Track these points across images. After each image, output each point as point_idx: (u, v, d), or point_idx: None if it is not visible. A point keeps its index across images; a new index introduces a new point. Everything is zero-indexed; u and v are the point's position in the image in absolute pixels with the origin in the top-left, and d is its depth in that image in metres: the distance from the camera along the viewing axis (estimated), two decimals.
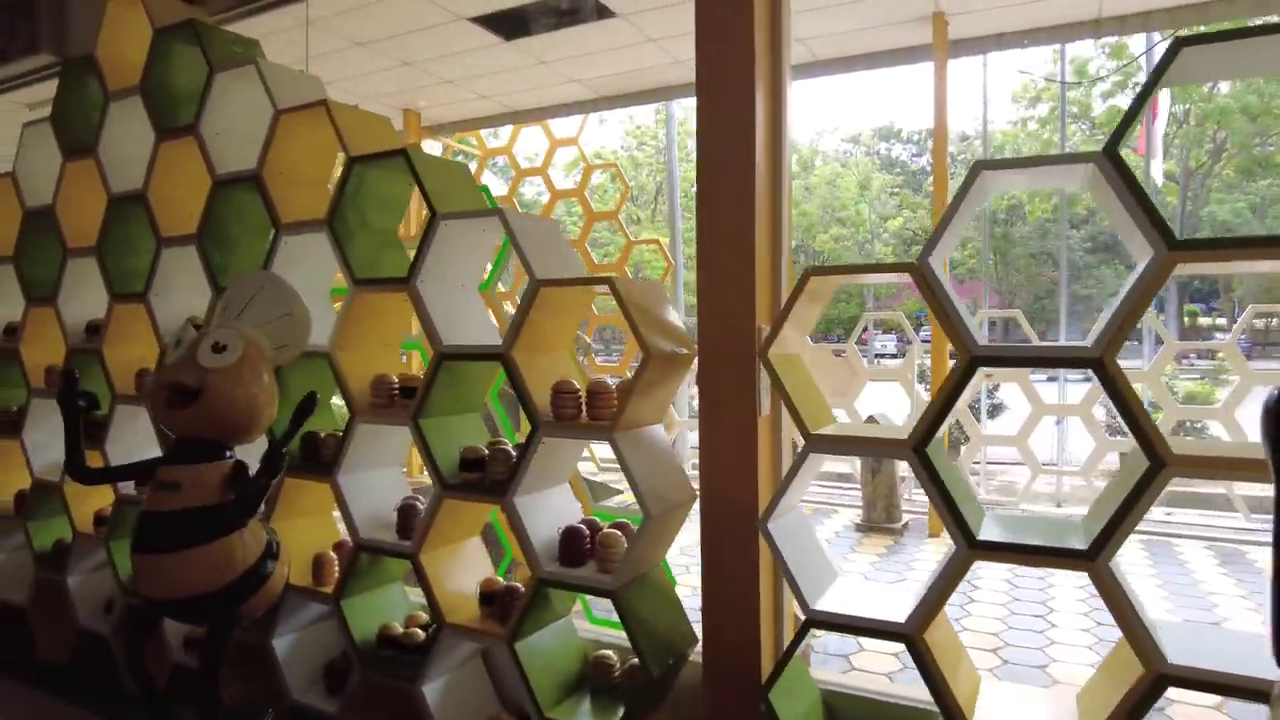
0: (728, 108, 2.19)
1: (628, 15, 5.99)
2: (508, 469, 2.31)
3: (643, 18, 6.05)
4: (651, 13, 5.96)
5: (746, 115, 2.16)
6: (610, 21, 6.07)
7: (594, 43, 6.44)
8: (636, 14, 5.98)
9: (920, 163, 32.33)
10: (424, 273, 2.39)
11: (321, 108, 2.59)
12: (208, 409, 2.07)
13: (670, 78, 7.26)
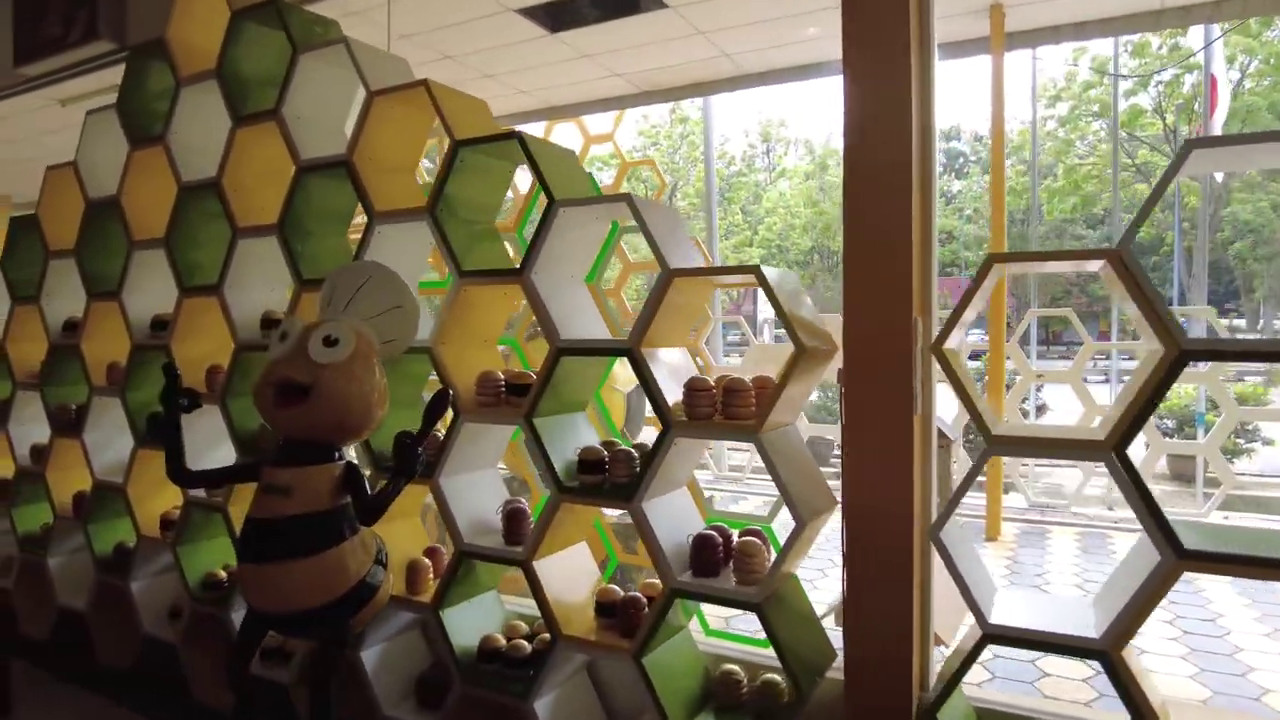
0: (879, 86, 2.05)
1: (679, 7, 5.86)
2: (631, 471, 2.17)
3: (694, 9, 5.91)
4: (703, 4, 5.82)
5: (901, 93, 2.01)
6: (661, 13, 5.93)
7: (642, 35, 6.30)
8: (688, 5, 5.84)
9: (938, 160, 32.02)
10: (538, 264, 2.25)
11: (419, 89, 2.45)
12: (320, 407, 1.93)
13: (715, 71, 7.12)
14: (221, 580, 3.11)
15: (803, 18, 5.90)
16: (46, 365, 3.62)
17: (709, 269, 2.02)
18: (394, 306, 2.14)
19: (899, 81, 2.02)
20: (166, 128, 3.11)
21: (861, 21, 2.08)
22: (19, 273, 3.79)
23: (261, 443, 2.88)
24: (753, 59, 6.90)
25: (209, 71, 3.01)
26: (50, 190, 3.63)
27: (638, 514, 2.09)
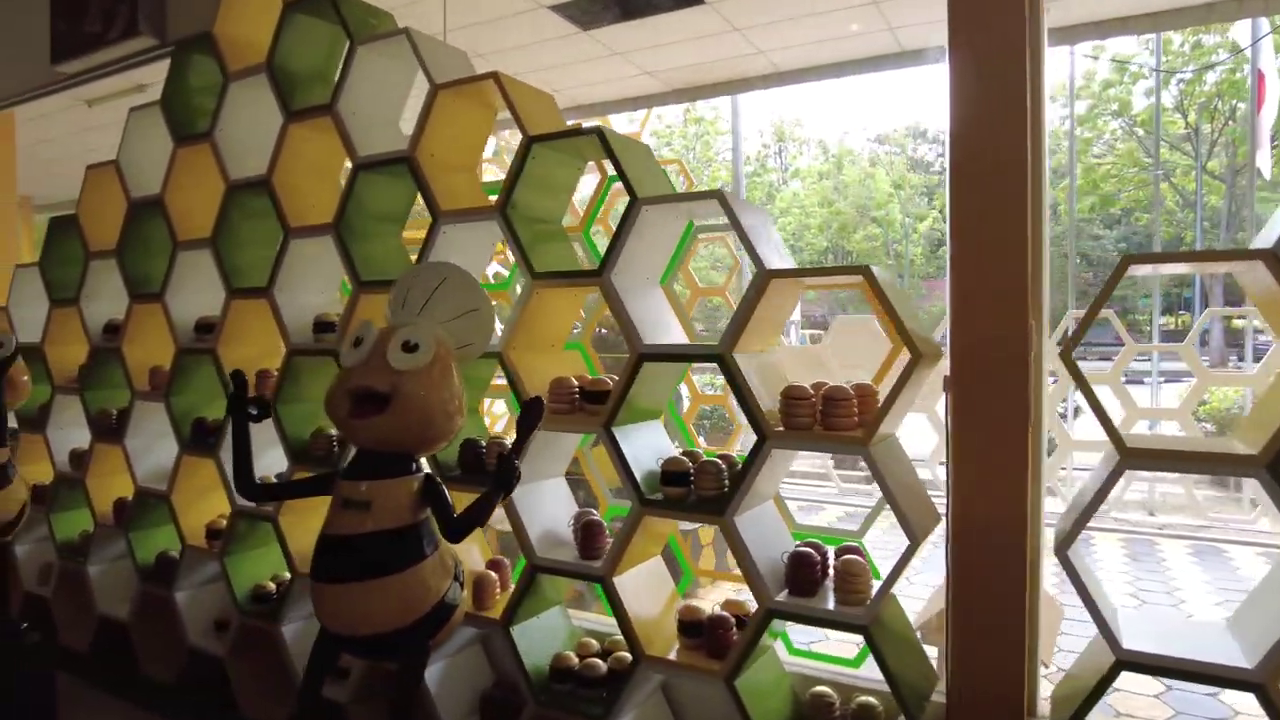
0: (991, 76, 1.94)
1: (715, 3, 5.74)
2: (720, 484, 2.06)
3: (730, 5, 5.79)
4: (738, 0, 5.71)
5: (1015, 83, 1.90)
6: (698, 9, 5.82)
7: (676, 31, 6.18)
8: (724, 1, 5.73)
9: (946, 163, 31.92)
10: (618, 265, 2.14)
11: (486, 82, 2.34)
12: (400, 416, 1.82)
13: (746, 69, 7.00)
14: (270, 593, 3.01)
15: (846, 13, 5.78)
16: (86, 368, 3.53)
17: (810, 270, 1.91)
18: (470, 310, 2.02)
19: (1013, 70, 1.90)
20: (214, 124, 3.01)
21: (971, 6, 1.96)
22: (58, 274, 3.71)
23: (315, 450, 2.78)
24: (787, 56, 6.77)
25: (258, 66, 2.91)
26: (90, 190, 3.54)
27: (730, 529, 1.98)
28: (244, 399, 1.97)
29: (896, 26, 6.21)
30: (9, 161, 4.74)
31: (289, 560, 2.83)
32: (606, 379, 2.24)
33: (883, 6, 5.79)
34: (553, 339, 2.49)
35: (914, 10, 5.86)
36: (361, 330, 1.92)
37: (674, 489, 2.09)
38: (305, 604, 2.93)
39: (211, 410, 3.25)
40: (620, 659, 2.35)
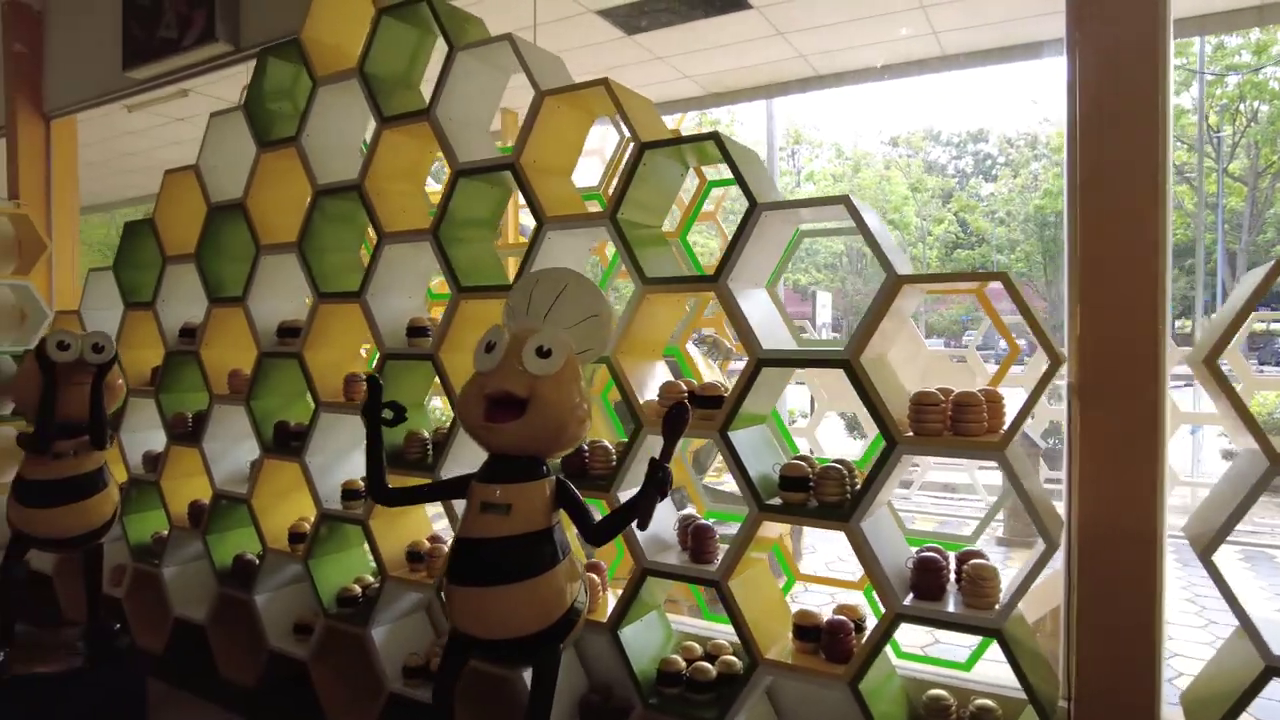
0: (1119, 70, 1.93)
1: (762, 7, 5.76)
2: (842, 490, 2.06)
3: (775, 9, 5.81)
4: (785, 4, 5.73)
5: (1147, 75, 1.90)
6: (744, 14, 5.83)
7: (720, 36, 6.20)
8: (770, 6, 5.75)
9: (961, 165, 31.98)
10: (735, 270, 2.15)
11: (595, 89, 2.35)
12: (536, 420, 1.83)
13: (786, 73, 7.02)
14: (356, 596, 3.02)
15: (892, 17, 5.79)
16: (162, 372, 3.55)
17: (944, 275, 1.91)
18: (591, 315, 2.03)
19: (1142, 62, 1.90)
20: (301, 129, 3.03)
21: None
22: (131, 277, 3.73)
23: (409, 453, 2.79)
24: (829, 60, 6.78)
25: (348, 71, 2.93)
26: (168, 193, 3.57)
27: (857, 535, 1.98)
28: (379, 404, 1.98)
29: (940, 30, 6.22)
30: (71, 166, 4.77)
31: (379, 563, 2.85)
32: (719, 383, 2.24)
33: (929, 11, 5.80)
34: (656, 344, 2.49)
35: (959, 14, 5.88)
36: (493, 335, 1.93)
37: (794, 494, 2.10)
38: (394, 607, 2.94)
39: (293, 413, 3.27)
40: (728, 663, 2.35)
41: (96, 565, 2.95)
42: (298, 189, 3.34)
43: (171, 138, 9.08)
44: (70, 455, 2.74)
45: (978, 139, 33.80)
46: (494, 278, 2.76)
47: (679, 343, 3.31)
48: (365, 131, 3.23)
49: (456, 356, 2.72)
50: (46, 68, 4.65)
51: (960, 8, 5.64)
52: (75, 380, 2.72)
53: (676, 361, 3.02)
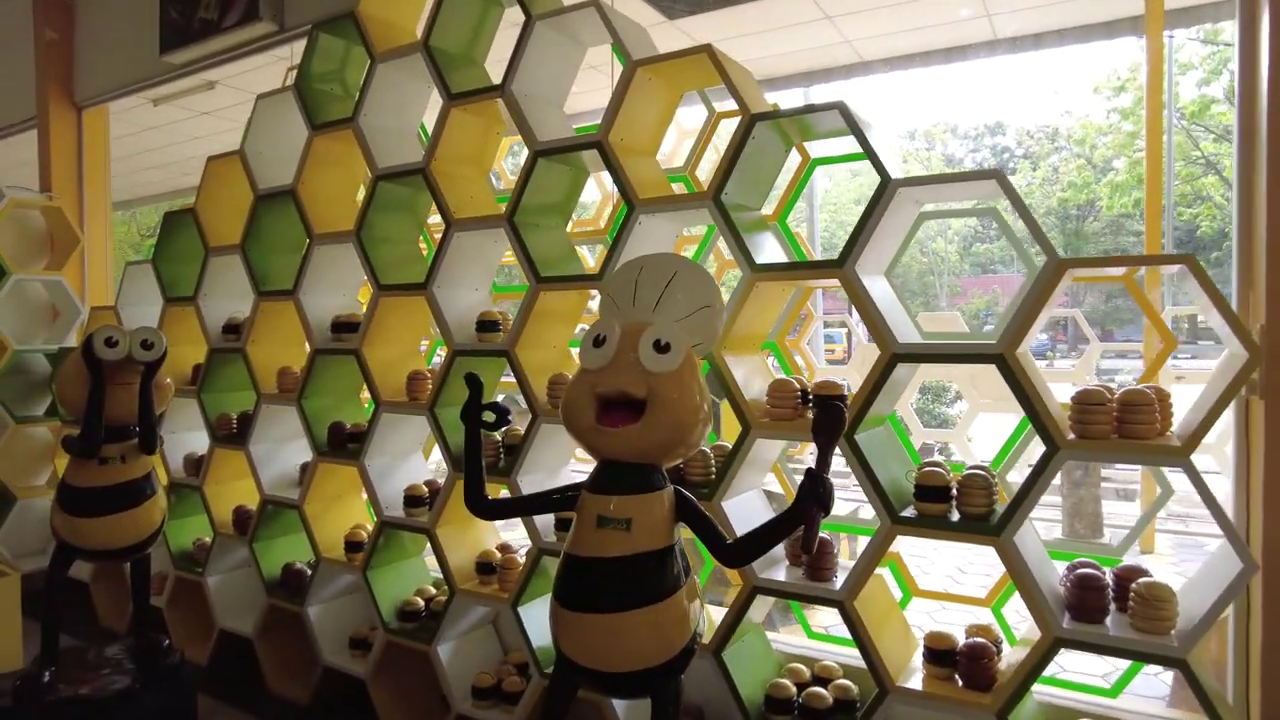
0: None
1: None
2: (988, 500, 1.84)
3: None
4: None
5: None
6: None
7: (765, 19, 5.97)
8: None
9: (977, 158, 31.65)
10: (863, 255, 1.93)
11: (700, 57, 2.14)
12: (657, 424, 1.62)
13: (830, 59, 6.78)
14: (419, 609, 2.82)
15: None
16: (204, 370, 3.36)
17: (1117, 259, 1.69)
18: (704, 306, 1.81)
19: None
20: (358, 109, 2.83)
21: None
22: (172, 270, 3.54)
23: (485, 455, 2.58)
24: (873, 45, 6.55)
25: (408, 47, 2.72)
26: (209, 182, 3.37)
27: (1009, 551, 1.77)
28: (479, 405, 1.77)
29: (994, 13, 5.99)
30: (103, 158, 4.59)
31: (447, 576, 2.65)
32: (837, 381, 2.03)
33: None
34: (758, 336, 2.28)
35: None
36: (602, 329, 1.72)
37: (932, 505, 1.88)
38: (462, 622, 2.75)
39: (346, 413, 3.07)
40: (844, 688, 2.15)
41: (144, 576, 2.76)
42: (350, 175, 3.16)
43: (193, 132, 8.91)
44: (117, 460, 2.54)
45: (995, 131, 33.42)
46: (571, 267, 2.56)
47: (777, 337, 3.09)
48: (425, 112, 3.04)
49: (533, 353, 2.52)
50: (77, 56, 4.47)
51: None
52: (122, 380, 2.53)
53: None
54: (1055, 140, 26.75)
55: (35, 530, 4.27)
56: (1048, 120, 28.78)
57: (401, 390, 2.80)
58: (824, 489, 1.48)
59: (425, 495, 2.77)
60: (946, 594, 2.42)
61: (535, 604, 2.54)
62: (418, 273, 2.90)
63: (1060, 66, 39.07)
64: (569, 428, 1.72)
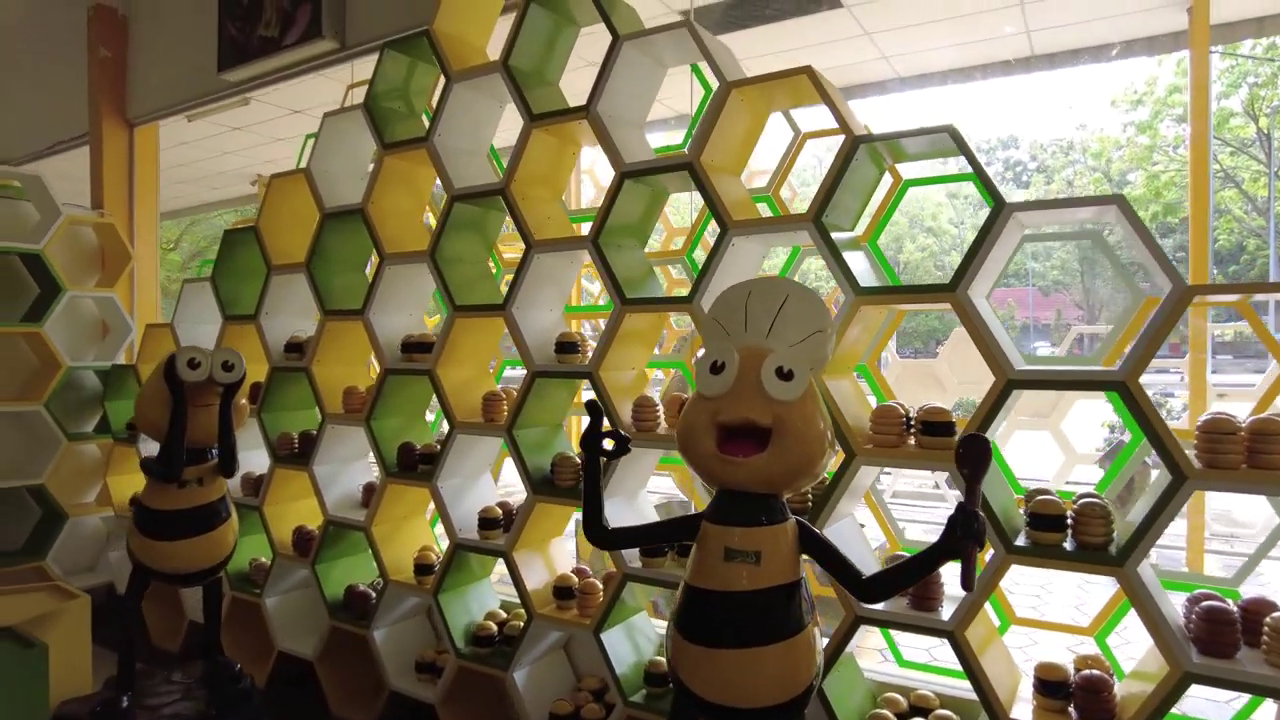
0: None
1: (852, 6, 5.54)
2: (1107, 529, 1.80)
3: (866, 9, 5.59)
4: (881, 2, 5.50)
5: None
6: (832, 13, 5.61)
7: (805, 37, 5.97)
8: (860, 4, 5.53)
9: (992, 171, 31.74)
10: (977, 278, 1.90)
11: (799, 78, 2.12)
12: (783, 453, 1.58)
13: (865, 75, 6.78)
14: (492, 634, 2.78)
15: (990, 15, 5.53)
16: (265, 389, 3.34)
17: (1239, 285, 1.65)
18: (816, 331, 1.78)
19: None
20: (433, 129, 2.82)
21: None
22: (231, 288, 3.54)
23: (561, 479, 2.55)
24: (911, 61, 6.55)
25: (485, 66, 2.72)
26: (272, 200, 3.37)
27: (1133, 583, 1.72)
28: (600, 433, 1.74)
29: (1034, 30, 5.98)
30: (153, 174, 4.60)
31: (525, 601, 2.61)
32: (944, 407, 1.99)
33: (1027, 8, 5.56)
34: (852, 359, 2.25)
35: (1059, 12, 5.64)
36: (720, 354, 1.69)
37: (1048, 534, 1.84)
38: (539, 647, 2.71)
39: (414, 434, 3.05)
40: (944, 718, 2.09)
41: (216, 600, 2.73)
42: (415, 193, 3.16)
43: (223, 147, 8.96)
44: (195, 483, 2.52)
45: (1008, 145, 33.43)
46: (651, 287, 2.54)
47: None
48: (496, 131, 3.02)
49: (614, 375, 2.49)
50: (131, 73, 4.49)
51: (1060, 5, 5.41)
52: (202, 402, 2.51)
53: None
54: (1070, 153, 26.73)
55: (84, 547, 4.26)
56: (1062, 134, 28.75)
57: (475, 411, 2.77)
58: (978, 524, 1.44)
59: (499, 517, 2.74)
60: (1047, 622, 2.38)
61: (617, 630, 2.51)
62: (488, 293, 2.89)
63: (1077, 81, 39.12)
64: (687, 455, 1.69)
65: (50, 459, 4.01)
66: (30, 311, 4.03)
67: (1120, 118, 20.68)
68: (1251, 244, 21.84)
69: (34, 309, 4.04)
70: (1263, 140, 18.51)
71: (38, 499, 4.11)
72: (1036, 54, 6.26)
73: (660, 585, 2.35)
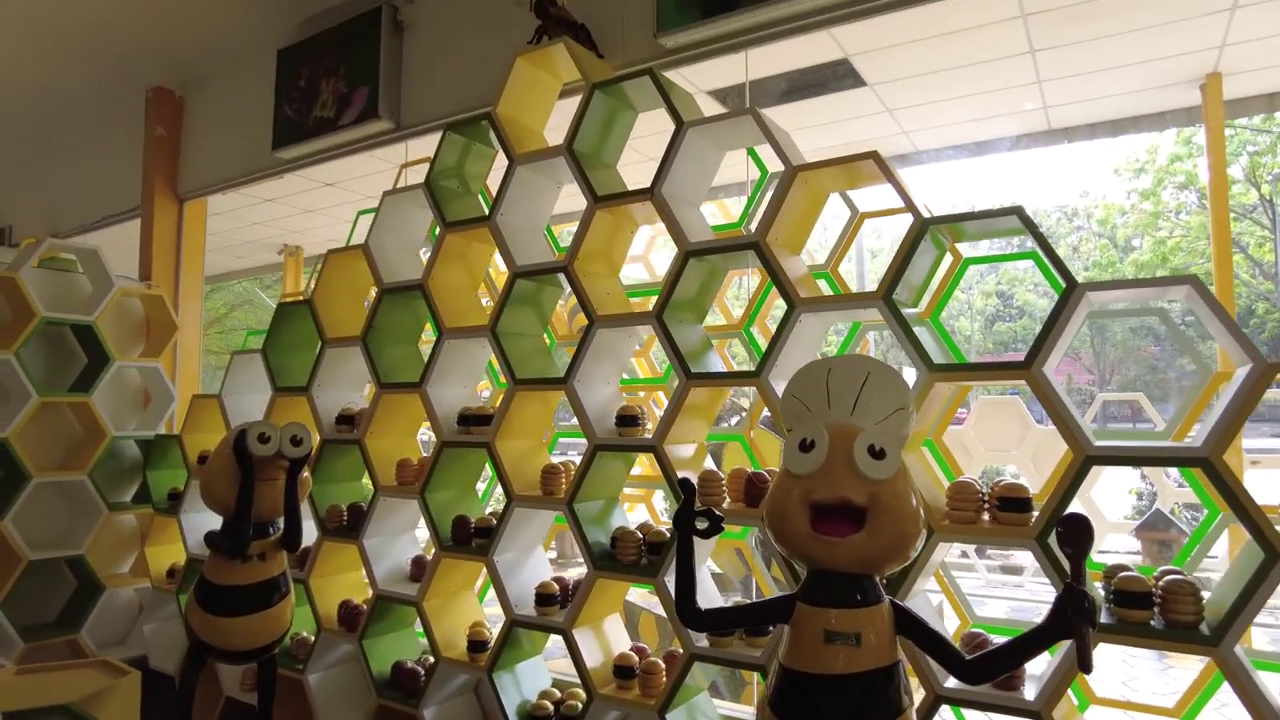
0: None
1: (876, 84, 5.71)
2: (1197, 607, 1.79)
3: (890, 87, 5.76)
4: (902, 81, 5.68)
5: None
6: (856, 91, 5.79)
7: (828, 113, 6.14)
8: (885, 83, 5.70)
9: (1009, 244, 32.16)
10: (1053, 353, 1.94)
11: (865, 162, 2.20)
12: (880, 533, 1.59)
13: (888, 149, 6.94)
14: (548, 714, 2.73)
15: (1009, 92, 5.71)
16: (316, 461, 3.36)
17: None
18: (898, 408, 1.81)
19: None
20: (495, 208, 2.90)
21: None
22: (281, 360, 3.58)
23: (624, 555, 2.55)
24: (928, 136, 6.73)
25: (551, 150, 2.81)
26: (328, 274, 3.44)
27: (1229, 664, 1.71)
28: (693, 511, 1.75)
29: (1052, 106, 6.15)
30: (199, 247, 4.72)
31: (585, 679, 2.57)
32: (1020, 483, 2.00)
33: (1045, 86, 5.73)
34: (919, 435, 2.27)
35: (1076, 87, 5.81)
36: (807, 431, 1.71)
37: (1134, 611, 1.83)
38: None
39: (469, 506, 3.06)
40: None
41: (271, 677, 2.71)
42: (470, 269, 3.22)
43: (252, 218, 9.14)
44: (257, 558, 2.52)
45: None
46: (710, 361, 2.57)
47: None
48: (552, 209, 3.11)
49: (678, 448, 2.51)
50: (183, 150, 4.64)
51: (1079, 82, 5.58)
52: (267, 476, 2.53)
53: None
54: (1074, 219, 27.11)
55: (118, 619, 4.21)
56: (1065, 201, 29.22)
57: (533, 484, 2.78)
58: (1089, 603, 1.44)
59: (556, 593, 2.72)
60: (1130, 703, 2.33)
61: (679, 711, 2.46)
62: (546, 366, 2.93)
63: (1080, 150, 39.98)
64: (777, 535, 1.69)
65: (90, 529, 4.00)
66: (78, 381, 4.08)
67: (1123, 185, 21.03)
68: (1260, 307, 21.97)
69: (82, 378, 4.09)
70: (1266, 206, 18.80)
71: (74, 569, 4.09)
72: (1053, 128, 6.44)
73: (729, 665, 2.32)
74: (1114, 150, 27.17)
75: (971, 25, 4.51)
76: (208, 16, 4.16)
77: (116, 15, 4.16)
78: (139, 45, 4.46)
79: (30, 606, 3.97)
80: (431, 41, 3.68)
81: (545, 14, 2.86)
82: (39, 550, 3.86)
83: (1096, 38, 4.72)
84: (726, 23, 2.79)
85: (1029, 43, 4.84)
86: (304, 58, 3.90)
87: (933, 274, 2.34)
